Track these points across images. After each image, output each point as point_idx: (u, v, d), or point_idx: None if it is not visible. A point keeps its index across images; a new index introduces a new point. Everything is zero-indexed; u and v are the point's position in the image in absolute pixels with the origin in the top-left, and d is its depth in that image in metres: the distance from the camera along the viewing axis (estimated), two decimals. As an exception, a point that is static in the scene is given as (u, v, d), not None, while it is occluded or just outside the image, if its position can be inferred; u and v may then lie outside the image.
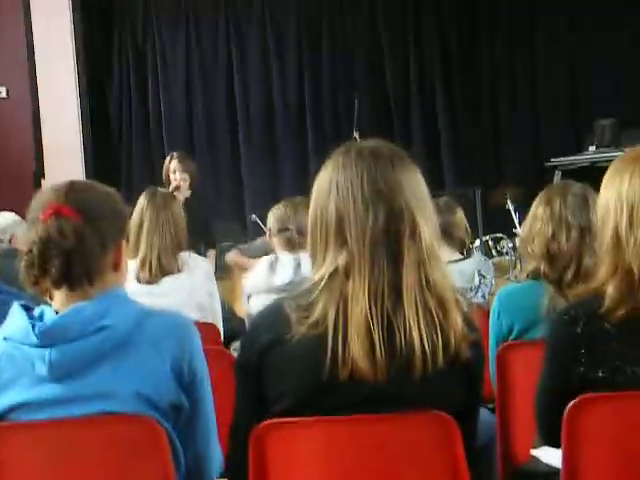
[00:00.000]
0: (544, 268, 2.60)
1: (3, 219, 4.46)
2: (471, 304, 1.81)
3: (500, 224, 7.02)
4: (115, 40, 8.75)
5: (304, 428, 1.69)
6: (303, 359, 1.67)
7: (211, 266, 4.01)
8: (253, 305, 3.71)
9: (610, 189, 1.83)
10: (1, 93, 7.70)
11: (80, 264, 1.74)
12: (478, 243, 6.53)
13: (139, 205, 3.68)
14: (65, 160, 7.68)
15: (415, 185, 1.74)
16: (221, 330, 3.64)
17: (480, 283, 3.71)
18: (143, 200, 3.71)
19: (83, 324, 1.72)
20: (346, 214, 1.69)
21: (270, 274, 3.66)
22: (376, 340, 1.63)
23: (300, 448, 1.71)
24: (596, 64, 8.34)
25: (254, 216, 6.78)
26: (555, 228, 2.61)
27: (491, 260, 5.24)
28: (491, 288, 3.79)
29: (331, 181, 1.73)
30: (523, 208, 5.49)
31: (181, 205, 3.88)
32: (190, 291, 3.58)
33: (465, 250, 3.86)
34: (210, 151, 8.78)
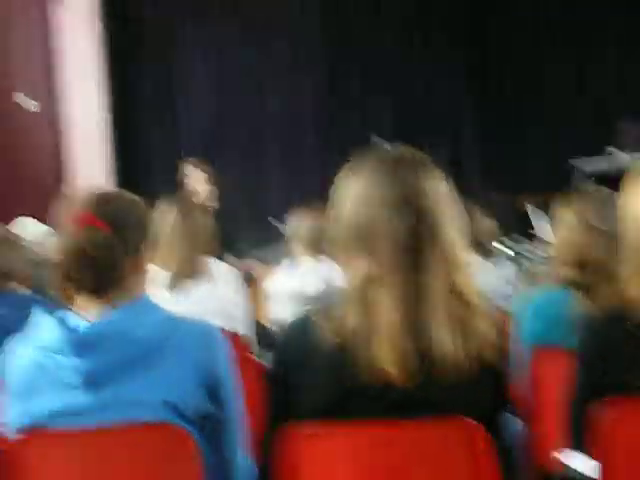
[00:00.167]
0: (573, 275, 2.58)
1: (32, 229, 4.48)
2: (497, 310, 1.80)
3: (524, 229, 6.98)
4: (140, 48, 8.80)
5: (332, 434, 1.69)
6: (332, 367, 1.67)
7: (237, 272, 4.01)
8: (276, 311, 3.72)
9: (635, 193, 1.81)
10: (28, 104, 7.76)
11: (109, 274, 1.77)
12: (503, 249, 6.50)
13: (163, 213, 3.69)
14: (90, 169, 7.73)
15: (440, 191, 1.73)
16: (248, 337, 3.64)
17: (505, 288, 3.70)
18: (167, 207, 3.72)
19: (116, 334, 1.74)
20: (370, 221, 1.69)
21: (292, 280, 3.67)
22: (404, 346, 1.63)
23: (328, 454, 1.71)
24: (623, 68, 8.28)
25: (276, 222, 6.78)
26: (583, 234, 2.59)
27: (517, 266, 5.21)
28: (516, 293, 3.78)
29: (355, 188, 1.73)
30: (549, 213, 5.46)
31: (204, 212, 3.88)
32: (215, 298, 3.58)
33: (490, 255, 3.85)
34: (233, 157, 8.80)
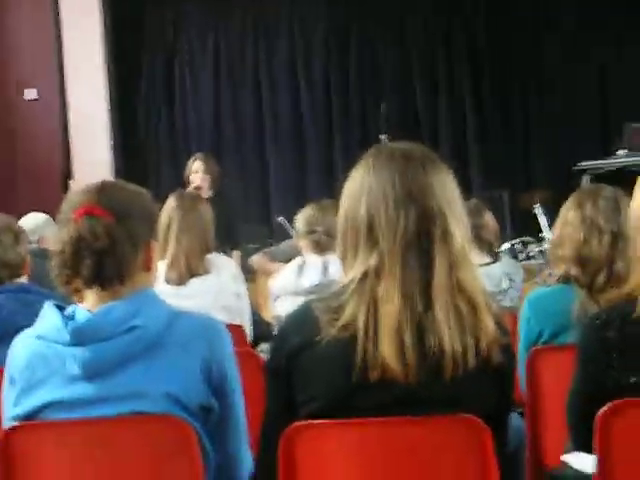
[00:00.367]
0: (575, 272, 2.58)
1: (33, 220, 4.51)
2: (501, 308, 1.80)
3: (528, 228, 6.97)
4: (144, 42, 8.79)
5: (334, 430, 1.69)
6: (333, 361, 1.66)
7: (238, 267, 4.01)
8: (280, 308, 3.72)
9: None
10: (31, 94, 7.76)
11: (111, 264, 1.75)
12: (506, 246, 6.49)
13: (167, 207, 3.69)
14: (93, 161, 7.73)
15: (446, 187, 1.73)
16: (249, 332, 3.64)
17: (509, 287, 3.69)
18: (171, 202, 3.72)
19: (115, 323, 1.73)
20: (377, 216, 1.69)
21: (298, 276, 3.67)
22: (407, 342, 1.62)
23: (330, 450, 1.70)
24: (627, 68, 8.27)
25: (281, 218, 6.78)
26: (586, 232, 2.59)
27: (519, 264, 5.21)
28: (520, 292, 3.77)
29: (362, 183, 1.73)
30: (551, 212, 5.45)
31: (208, 207, 3.88)
32: (217, 292, 3.58)
33: (494, 253, 3.84)
34: (237, 154, 8.80)
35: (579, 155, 7.83)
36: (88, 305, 1.78)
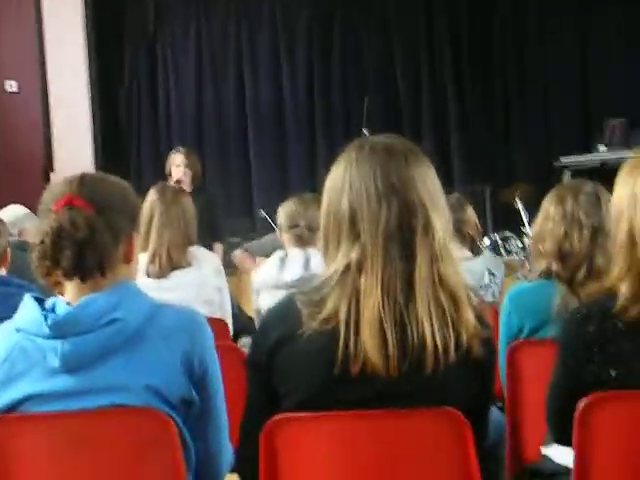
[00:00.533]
0: (556, 267, 2.59)
1: (13, 212, 4.48)
2: (482, 302, 1.80)
3: (509, 223, 7.00)
4: (126, 35, 8.75)
5: (315, 423, 1.69)
6: (314, 354, 1.66)
7: (220, 261, 4.00)
8: (262, 301, 3.71)
9: (624, 188, 1.82)
10: (12, 87, 7.70)
11: (92, 255, 1.74)
12: (487, 241, 6.51)
13: (149, 199, 3.68)
14: (75, 154, 7.68)
15: (428, 180, 1.73)
16: (230, 325, 3.64)
17: (490, 282, 3.70)
18: (153, 195, 3.70)
19: (95, 316, 1.72)
20: (359, 209, 1.69)
21: (279, 270, 3.66)
22: (388, 335, 1.63)
23: (311, 443, 1.70)
24: (606, 63, 8.31)
25: (263, 212, 6.77)
26: (567, 227, 2.60)
27: (500, 258, 5.23)
28: (501, 287, 3.78)
29: (344, 176, 1.73)
30: (532, 207, 5.47)
31: (190, 200, 3.86)
32: (199, 286, 3.57)
33: (475, 248, 3.86)
34: (219, 147, 8.77)
35: (560, 151, 7.87)
36: (68, 297, 1.77)
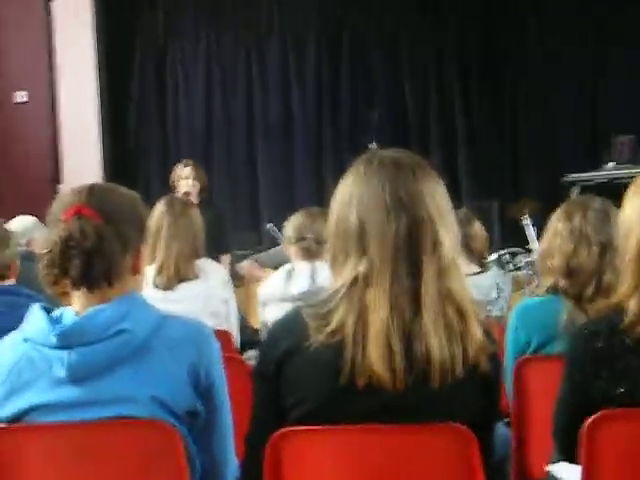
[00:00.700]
0: (563, 283, 2.59)
1: (21, 223, 4.49)
2: (489, 317, 1.80)
3: (517, 238, 6.99)
4: (136, 47, 8.78)
5: (320, 436, 1.69)
6: (321, 367, 1.66)
7: (227, 272, 4.00)
8: (268, 314, 3.71)
9: (633, 204, 1.82)
10: (22, 97, 7.74)
11: (100, 265, 1.74)
12: (495, 256, 6.50)
13: (157, 211, 3.69)
14: (83, 165, 7.71)
15: (437, 195, 1.73)
16: (236, 337, 3.64)
17: (497, 297, 3.69)
18: (161, 206, 3.71)
19: (102, 327, 1.72)
20: (367, 223, 1.69)
21: (286, 283, 3.66)
22: (395, 349, 1.62)
23: (316, 456, 1.70)
24: (615, 81, 8.32)
25: (270, 225, 6.77)
26: (576, 243, 2.59)
27: (507, 274, 5.22)
28: (508, 302, 3.77)
29: (353, 190, 1.73)
30: (540, 223, 5.46)
31: (198, 213, 3.87)
32: (206, 298, 3.58)
33: (483, 263, 3.85)
34: (227, 160, 8.80)
35: (568, 167, 7.87)
36: (76, 308, 1.77)
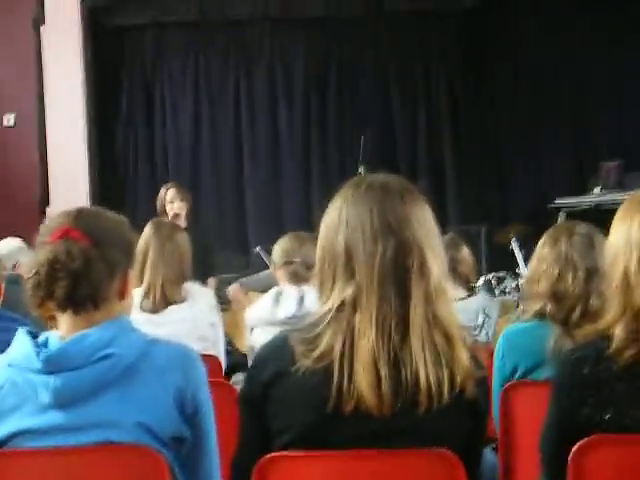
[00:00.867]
0: (550, 308, 2.59)
1: (7, 246, 4.47)
2: (475, 342, 1.80)
3: (504, 263, 7.00)
4: (124, 72, 8.80)
5: (307, 461, 1.68)
6: (308, 392, 1.65)
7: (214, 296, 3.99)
8: (256, 338, 3.70)
9: (619, 230, 1.82)
10: (9, 121, 7.74)
11: (86, 287, 1.73)
12: (482, 281, 6.52)
13: (144, 235, 3.68)
14: (71, 189, 7.70)
15: (425, 220, 1.74)
16: (223, 361, 3.62)
17: (484, 322, 3.70)
18: (149, 230, 3.71)
19: (88, 351, 1.71)
20: (355, 247, 1.69)
21: (274, 307, 3.65)
22: (382, 374, 1.62)
23: (303, 483, 1.69)
24: (602, 106, 8.38)
25: (258, 249, 6.77)
26: (561, 268, 2.60)
27: (494, 298, 5.23)
28: (495, 327, 3.78)
29: (340, 214, 1.73)
30: (527, 248, 5.48)
31: (186, 236, 3.87)
32: (193, 321, 3.56)
33: (470, 288, 3.86)
34: (215, 184, 8.80)
35: (555, 192, 7.91)
36: (62, 332, 1.76)
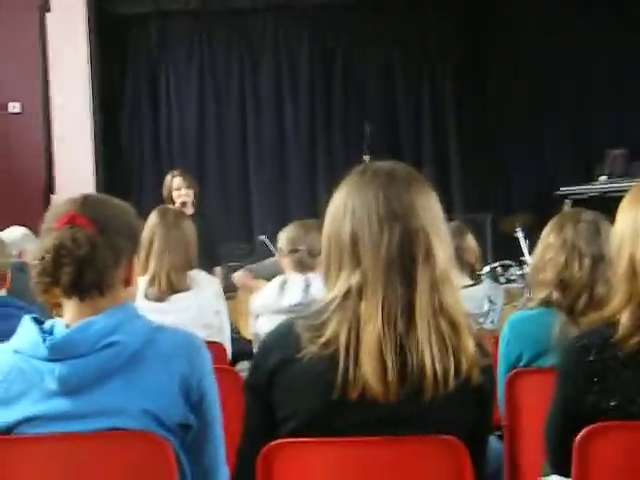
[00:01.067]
0: (556, 296, 2.59)
1: (13, 233, 4.47)
2: (481, 330, 1.80)
3: (509, 251, 7.00)
4: (129, 60, 8.80)
5: (313, 448, 1.68)
6: (314, 379, 1.66)
7: (220, 284, 4.00)
8: (261, 326, 3.70)
9: (625, 218, 1.82)
10: (15, 108, 7.74)
11: (92, 274, 1.73)
12: (487, 269, 6.51)
13: (150, 222, 3.68)
14: (76, 177, 7.70)
15: (430, 207, 1.74)
16: (228, 349, 3.63)
17: (489, 309, 3.69)
18: (154, 218, 3.71)
19: (93, 339, 1.71)
20: (361, 234, 1.69)
21: (279, 295, 3.66)
22: (388, 361, 1.62)
23: (308, 469, 1.69)
24: (607, 94, 8.36)
25: (263, 237, 6.77)
26: (567, 256, 2.60)
27: (500, 286, 5.22)
28: (500, 315, 3.77)
29: (346, 201, 1.73)
30: (533, 236, 5.47)
31: (191, 224, 3.87)
32: (198, 309, 3.57)
33: (475, 276, 3.85)
34: (220, 172, 8.80)
35: (561, 180, 7.89)
36: (67, 319, 1.77)
